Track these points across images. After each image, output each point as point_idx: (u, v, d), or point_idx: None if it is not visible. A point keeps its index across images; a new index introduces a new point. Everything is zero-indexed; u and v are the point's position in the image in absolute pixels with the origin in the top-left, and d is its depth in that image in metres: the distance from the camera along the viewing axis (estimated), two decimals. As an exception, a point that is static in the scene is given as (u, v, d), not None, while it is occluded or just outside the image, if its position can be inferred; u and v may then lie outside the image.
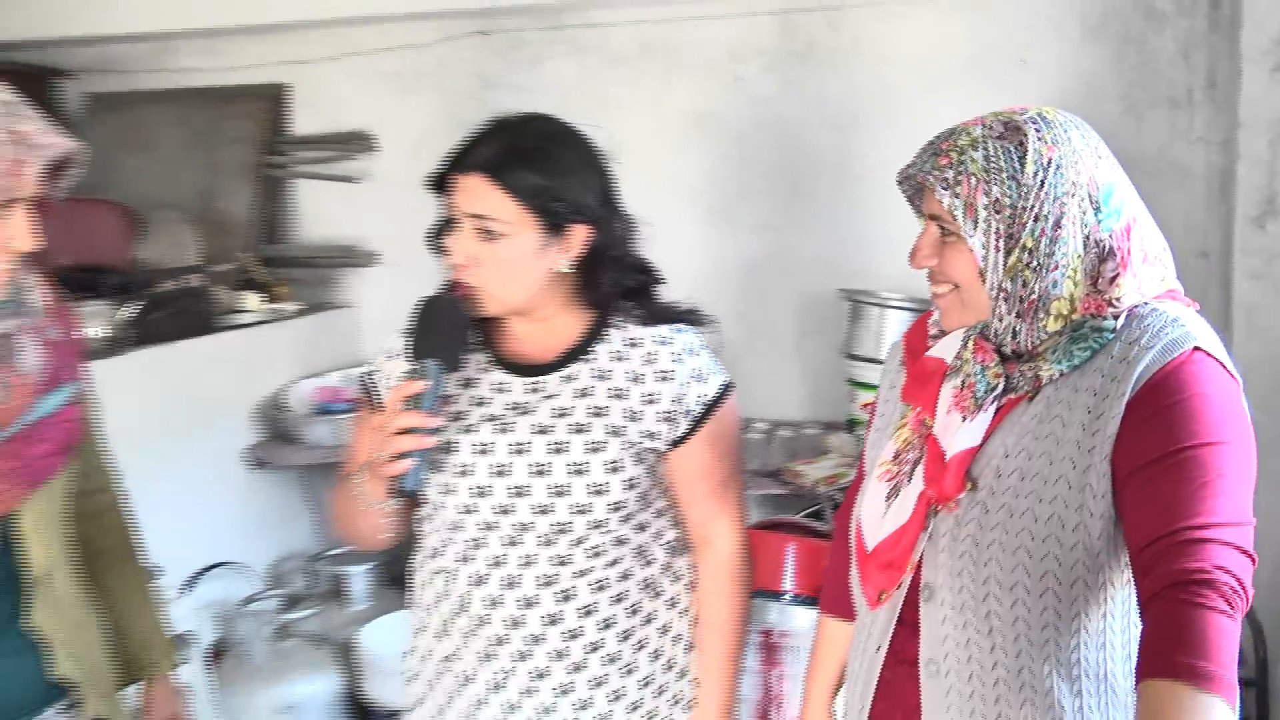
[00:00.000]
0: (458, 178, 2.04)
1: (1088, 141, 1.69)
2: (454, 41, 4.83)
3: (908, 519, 1.76)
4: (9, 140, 1.70)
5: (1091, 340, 1.64)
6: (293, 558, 4.83)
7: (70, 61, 5.25)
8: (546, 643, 2.15)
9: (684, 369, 2.16)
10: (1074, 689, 1.68)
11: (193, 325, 4.35)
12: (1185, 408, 1.55)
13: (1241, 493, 1.53)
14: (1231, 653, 1.40)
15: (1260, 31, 3.61)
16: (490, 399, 2.15)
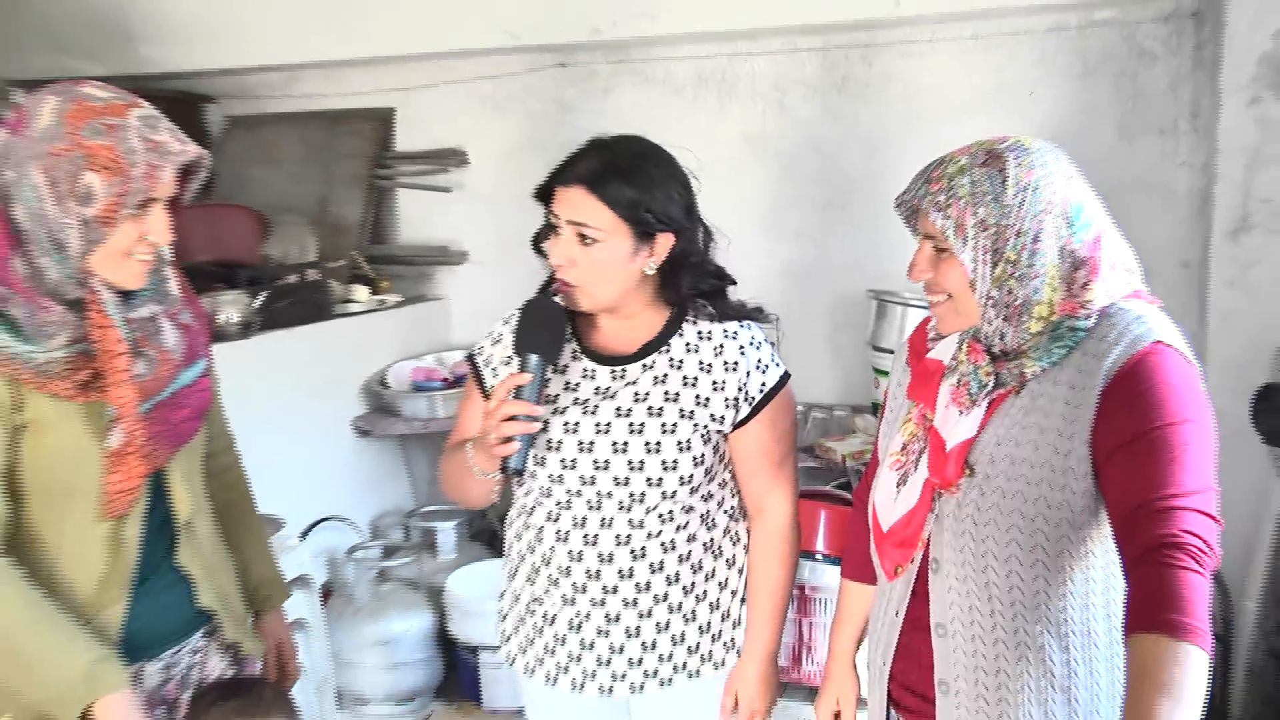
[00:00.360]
0: (561, 189, 2.08)
1: (1060, 165, 1.72)
2: (537, 72, 4.91)
3: (916, 502, 1.81)
4: (147, 148, 1.75)
5: (1068, 339, 1.68)
6: (391, 514, 4.96)
7: (213, 89, 5.40)
8: (620, 593, 2.20)
9: (748, 360, 2.19)
10: (1062, 644, 1.73)
11: (310, 313, 4.50)
12: (1151, 394, 1.60)
13: (1204, 464, 1.58)
14: (1203, 605, 1.47)
15: (1237, 70, 3.68)
16: (579, 385, 2.19)
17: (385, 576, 4.40)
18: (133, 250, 1.80)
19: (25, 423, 1.78)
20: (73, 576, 1.84)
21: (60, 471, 1.82)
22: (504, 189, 4.94)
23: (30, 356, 1.76)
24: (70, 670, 1.75)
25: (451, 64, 4.99)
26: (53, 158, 1.71)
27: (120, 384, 1.79)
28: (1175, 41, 4.07)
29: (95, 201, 1.72)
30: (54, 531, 1.84)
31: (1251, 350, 3.62)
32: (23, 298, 1.76)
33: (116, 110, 1.75)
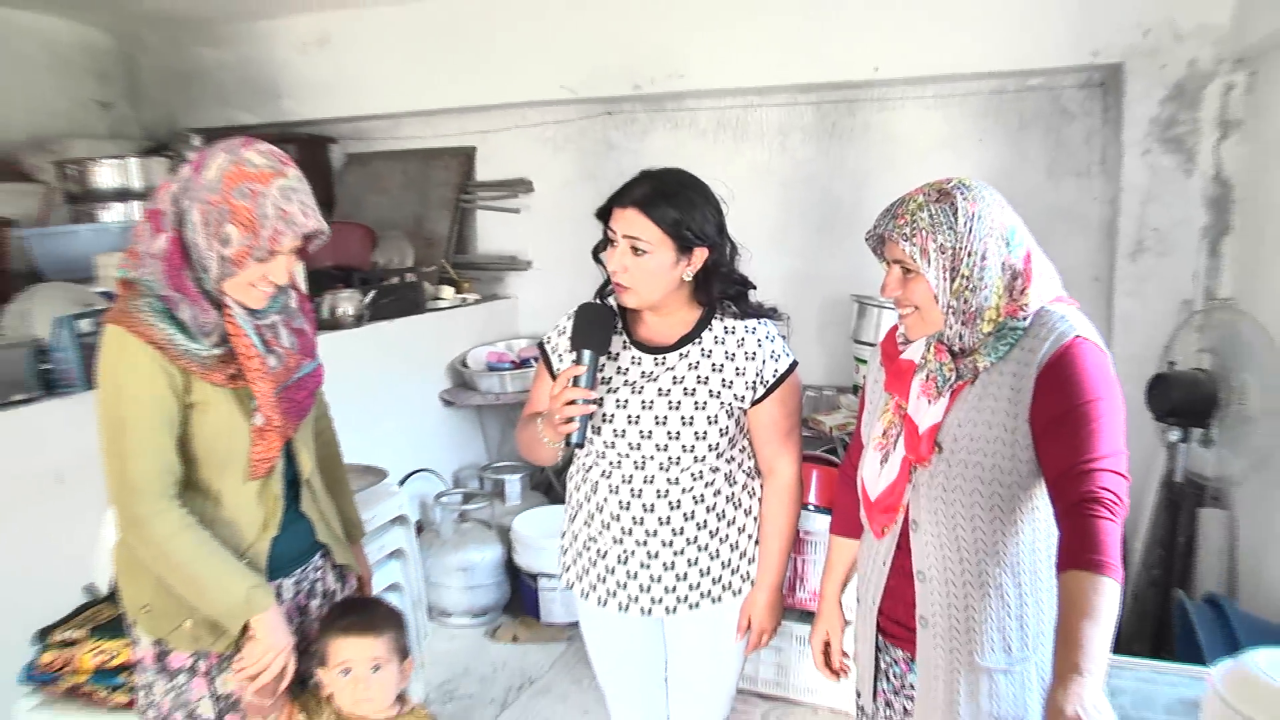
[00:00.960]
0: (618, 210, 2.10)
1: (995, 198, 1.76)
2: (589, 119, 5.11)
3: (896, 476, 1.85)
4: (277, 216, 1.80)
5: (1010, 337, 1.73)
6: (469, 467, 5.15)
7: (337, 132, 5.67)
8: (659, 535, 2.25)
9: (764, 351, 2.21)
10: (1016, 582, 1.79)
11: (408, 308, 4.70)
12: (1073, 378, 1.66)
13: (1115, 433, 1.64)
14: (1116, 547, 1.54)
15: (1134, 128, 3.88)
16: (628, 369, 2.23)
17: (464, 517, 4.54)
18: (256, 284, 1.87)
19: (193, 402, 1.86)
20: (235, 519, 1.95)
21: (219, 441, 1.90)
22: (561, 211, 5.21)
23: (196, 352, 1.83)
24: (235, 593, 1.87)
25: (521, 112, 5.20)
26: (209, 205, 1.79)
27: (257, 380, 1.89)
28: (1089, 104, 4.25)
29: (231, 246, 1.80)
30: (218, 487, 1.93)
31: (1146, 347, 3.74)
32: (190, 300, 1.83)
33: (264, 178, 1.80)
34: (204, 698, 1.97)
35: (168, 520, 1.83)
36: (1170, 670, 2.12)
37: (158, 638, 1.96)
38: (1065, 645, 1.48)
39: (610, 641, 2.45)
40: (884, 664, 2.01)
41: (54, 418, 2.88)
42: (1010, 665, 1.81)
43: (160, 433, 1.83)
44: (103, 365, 1.84)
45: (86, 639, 2.57)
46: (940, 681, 1.85)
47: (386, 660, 2.01)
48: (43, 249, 4.17)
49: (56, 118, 5.11)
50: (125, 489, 1.82)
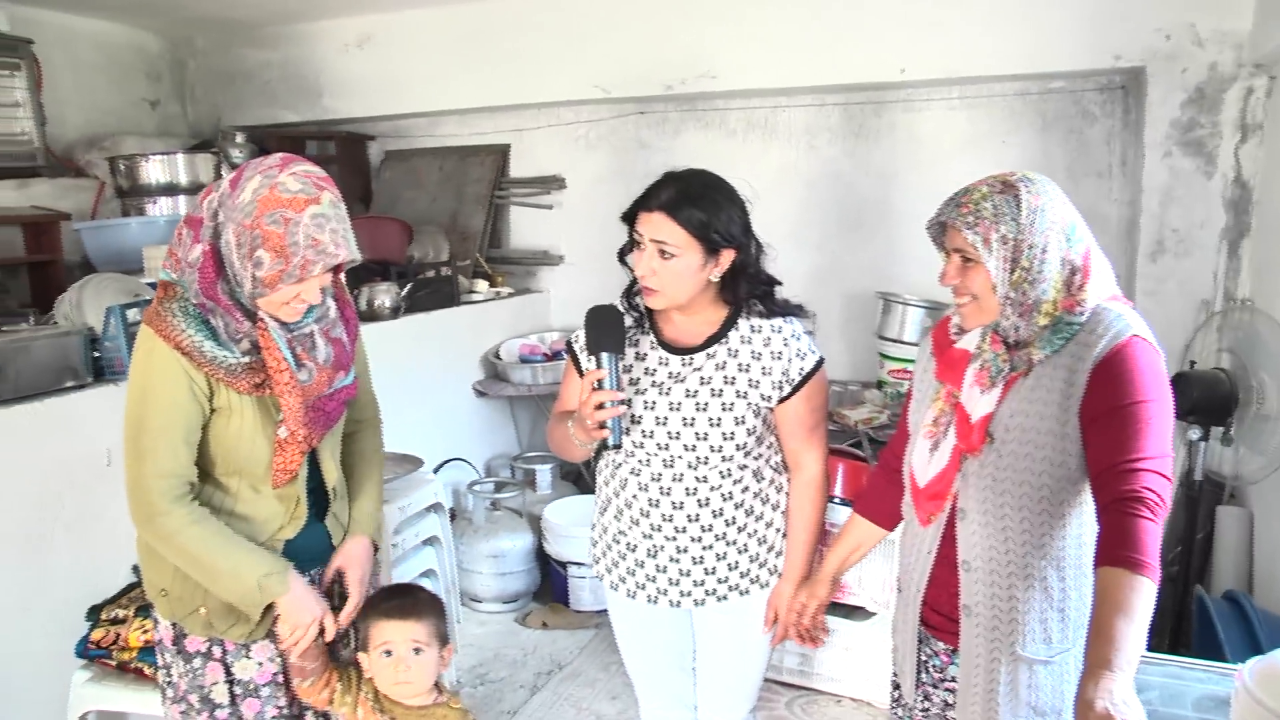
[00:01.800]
0: (644, 214, 2.08)
1: (1057, 193, 1.75)
2: (621, 118, 5.12)
3: (946, 464, 1.82)
4: (307, 245, 1.75)
5: (1065, 331, 1.71)
6: (501, 457, 5.19)
7: (375, 130, 5.72)
8: (688, 531, 2.23)
9: (790, 349, 2.18)
10: (1060, 575, 1.78)
11: (443, 301, 4.75)
12: (1126, 376, 1.64)
13: (1163, 435, 1.63)
14: (1155, 547, 1.52)
15: (1155, 130, 3.87)
16: (655, 370, 2.20)
17: (496, 505, 4.56)
18: (290, 302, 1.83)
19: (216, 408, 1.86)
20: (252, 516, 1.94)
21: (240, 448, 1.89)
22: (593, 207, 5.20)
23: (223, 360, 1.82)
24: (247, 582, 1.86)
25: (555, 111, 5.22)
26: (242, 228, 1.77)
27: (286, 393, 1.86)
28: (1110, 107, 4.23)
29: (263, 269, 1.76)
30: (235, 488, 1.93)
31: (1166, 347, 3.63)
32: (224, 310, 1.83)
33: (297, 204, 1.75)
34: (218, 683, 1.97)
35: (176, 516, 1.82)
36: (1197, 666, 2.11)
37: (174, 621, 1.97)
38: (1098, 639, 1.46)
39: (639, 632, 2.45)
40: (924, 655, 2.00)
41: (104, 403, 2.92)
42: (1050, 656, 1.81)
43: (176, 438, 1.82)
44: (133, 365, 1.85)
45: (133, 617, 2.64)
46: (981, 670, 1.84)
47: (427, 644, 2.01)
48: (94, 241, 4.25)
49: (109, 116, 5.20)
50: (137, 488, 1.83)
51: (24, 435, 2.78)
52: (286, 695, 2.03)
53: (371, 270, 4.55)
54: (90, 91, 5.10)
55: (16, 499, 2.76)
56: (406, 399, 4.22)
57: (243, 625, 1.93)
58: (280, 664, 2.00)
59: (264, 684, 1.99)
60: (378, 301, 4.29)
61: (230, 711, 1.98)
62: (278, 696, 2.01)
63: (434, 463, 4.44)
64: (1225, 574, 3.54)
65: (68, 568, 2.87)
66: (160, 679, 2.06)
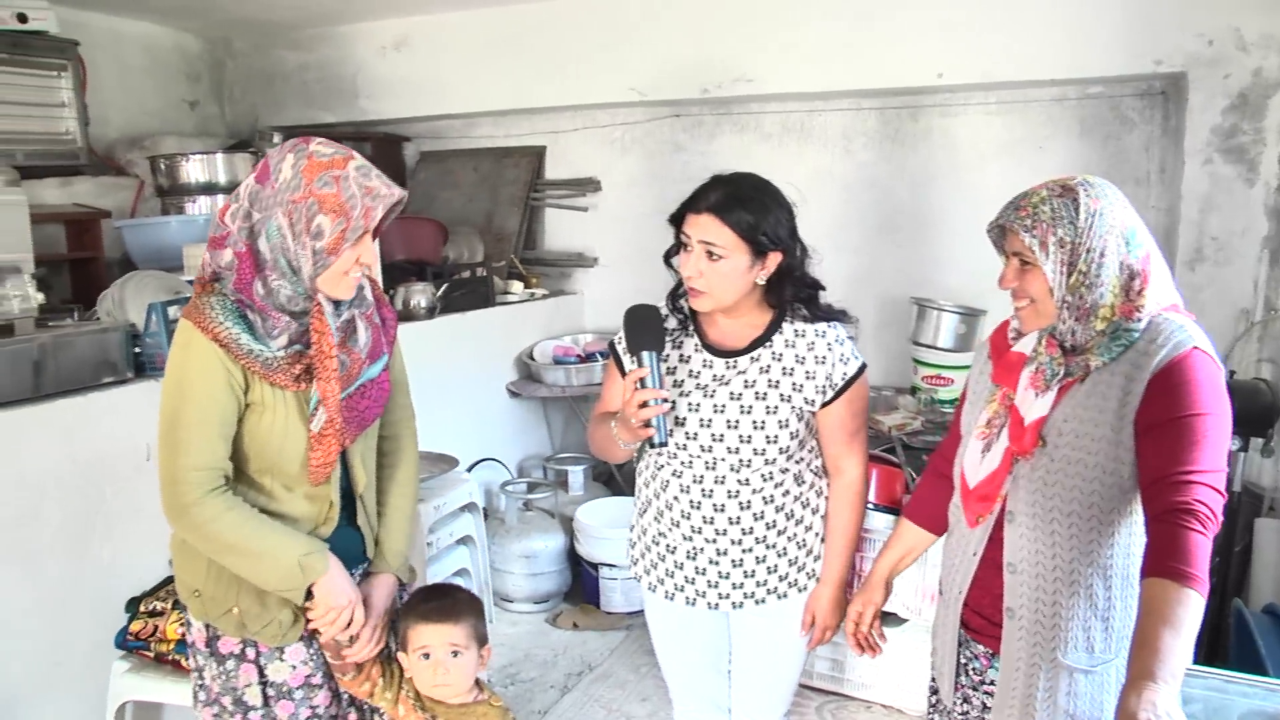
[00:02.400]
0: (692, 215, 2.08)
1: (1118, 197, 1.74)
2: (656, 121, 5.13)
3: (998, 466, 1.82)
4: (363, 193, 1.78)
5: (1124, 339, 1.69)
6: (534, 457, 5.21)
7: (411, 131, 5.76)
8: (728, 534, 2.24)
9: (833, 354, 2.18)
10: (1105, 583, 1.77)
11: (478, 301, 4.76)
12: (1185, 388, 1.63)
13: (1219, 449, 1.60)
14: (1204, 560, 1.50)
15: (1195, 137, 3.83)
16: (700, 373, 2.21)
17: (529, 506, 4.58)
18: (349, 271, 1.84)
19: (250, 403, 1.85)
20: (285, 514, 1.92)
21: (271, 444, 1.88)
22: (628, 210, 5.24)
23: (261, 353, 1.82)
24: (287, 563, 1.85)
25: (590, 113, 5.24)
26: (293, 204, 1.78)
27: (327, 380, 1.85)
28: (1149, 113, 4.20)
29: (325, 237, 1.78)
30: (268, 485, 1.92)
31: None
32: (259, 310, 1.83)
33: (338, 164, 1.79)
34: (251, 684, 1.97)
35: (209, 504, 1.81)
36: (1241, 680, 2.08)
37: (207, 622, 1.96)
38: (1142, 650, 1.44)
39: (677, 633, 2.45)
40: (964, 658, 1.99)
41: (145, 398, 2.95)
42: (1092, 666, 1.79)
43: (211, 431, 1.82)
44: (170, 358, 1.85)
45: (171, 610, 2.68)
46: (1021, 675, 1.84)
47: (465, 647, 2.00)
48: (135, 239, 4.30)
49: (150, 116, 5.28)
50: (171, 480, 1.82)
51: (66, 429, 2.81)
52: (322, 696, 2.02)
53: (407, 270, 4.58)
54: (132, 92, 5.18)
55: (59, 492, 2.80)
56: (441, 399, 4.28)
57: (275, 626, 1.93)
58: (314, 666, 2.00)
59: (297, 686, 1.99)
60: (413, 301, 4.32)
61: (264, 713, 1.98)
62: (311, 698, 2.01)
63: (468, 462, 4.45)
64: (1264, 587, 3.50)
65: (108, 560, 2.91)
66: (193, 681, 2.06)
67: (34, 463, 2.74)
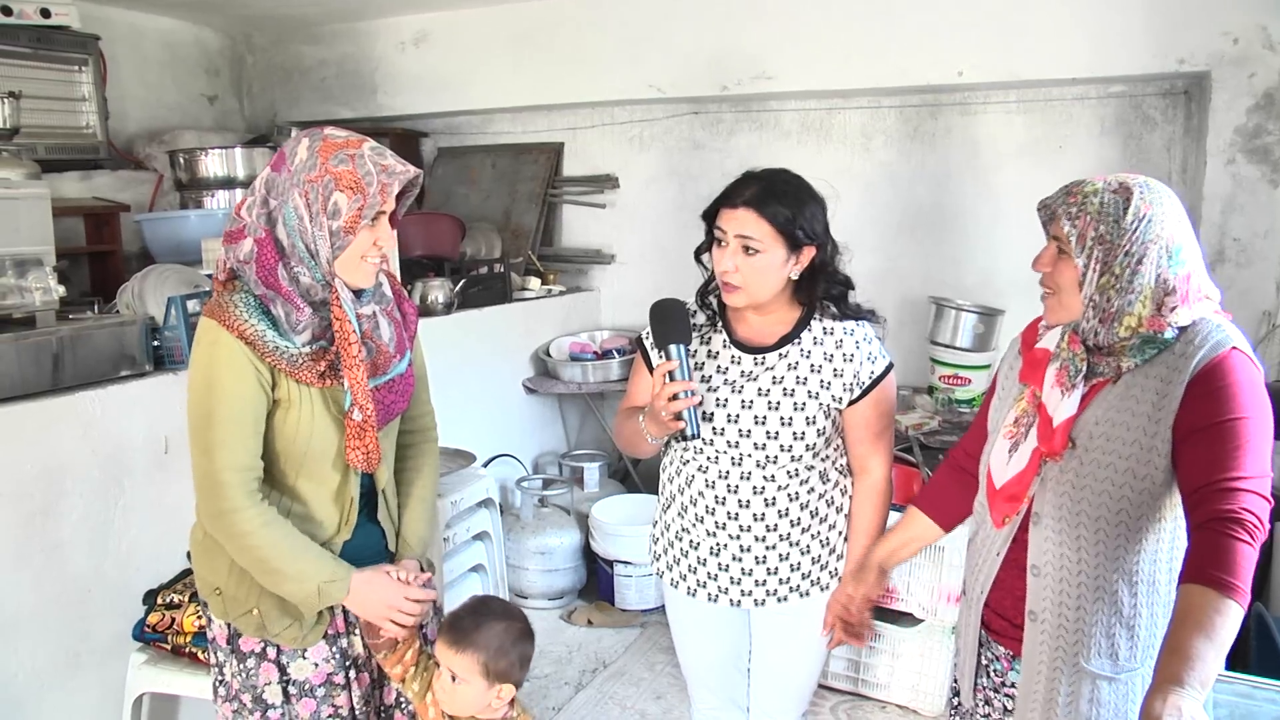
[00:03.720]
0: (728, 210, 2.09)
1: (1175, 209, 1.69)
2: (675, 118, 5.12)
3: (1025, 466, 1.78)
4: (379, 171, 1.80)
5: (1159, 343, 1.66)
6: (549, 454, 5.22)
7: (429, 127, 5.75)
8: (752, 530, 2.24)
9: (861, 353, 2.18)
10: (1131, 590, 1.74)
11: (495, 297, 4.79)
12: (1226, 391, 1.59)
13: (1263, 454, 1.57)
14: (1248, 571, 1.47)
15: (1218, 137, 3.81)
16: (728, 369, 2.21)
17: (544, 502, 4.59)
18: (367, 254, 1.85)
19: (278, 399, 1.85)
20: (310, 516, 1.93)
21: (299, 441, 1.88)
22: (646, 207, 5.24)
23: (286, 349, 1.82)
24: (308, 587, 1.86)
25: (609, 110, 5.23)
26: (309, 184, 1.78)
27: (353, 367, 1.84)
28: (1171, 112, 4.17)
29: (341, 216, 1.78)
30: (294, 484, 1.92)
31: None
32: (284, 298, 1.82)
33: (353, 145, 1.82)
34: (271, 683, 1.96)
35: (249, 516, 1.82)
36: (1267, 685, 2.06)
37: (228, 621, 1.97)
38: (1172, 655, 1.42)
39: (697, 630, 2.44)
40: (985, 660, 1.97)
41: (163, 391, 2.97)
42: (1115, 673, 1.77)
43: (246, 429, 1.82)
44: (195, 357, 1.84)
45: (188, 602, 2.69)
46: (1042, 679, 1.81)
47: (465, 679, 1.91)
48: (154, 233, 4.32)
49: (169, 111, 5.29)
50: (209, 483, 1.82)
51: (86, 422, 2.82)
52: (344, 697, 2.02)
53: (425, 266, 4.59)
54: (152, 87, 5.19)
55: (78, 484, 2.80)
56: (458, 394, 4.30)
57: (296, 629, 1.93)
58: (336, 664, 2.00)
59: (319, 684, 1.99)
60: (431, 297, 4.33)
61: (283, 711, 1.98)
62: (334, 696, 2.00)
63: (484, 458, 4.44)
64: (1285, 590, 3.47)
65: (126, 552, 2.92)
66: (212, 677, 2.06)
67: (53, 455, 2.74)
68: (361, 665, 2.05)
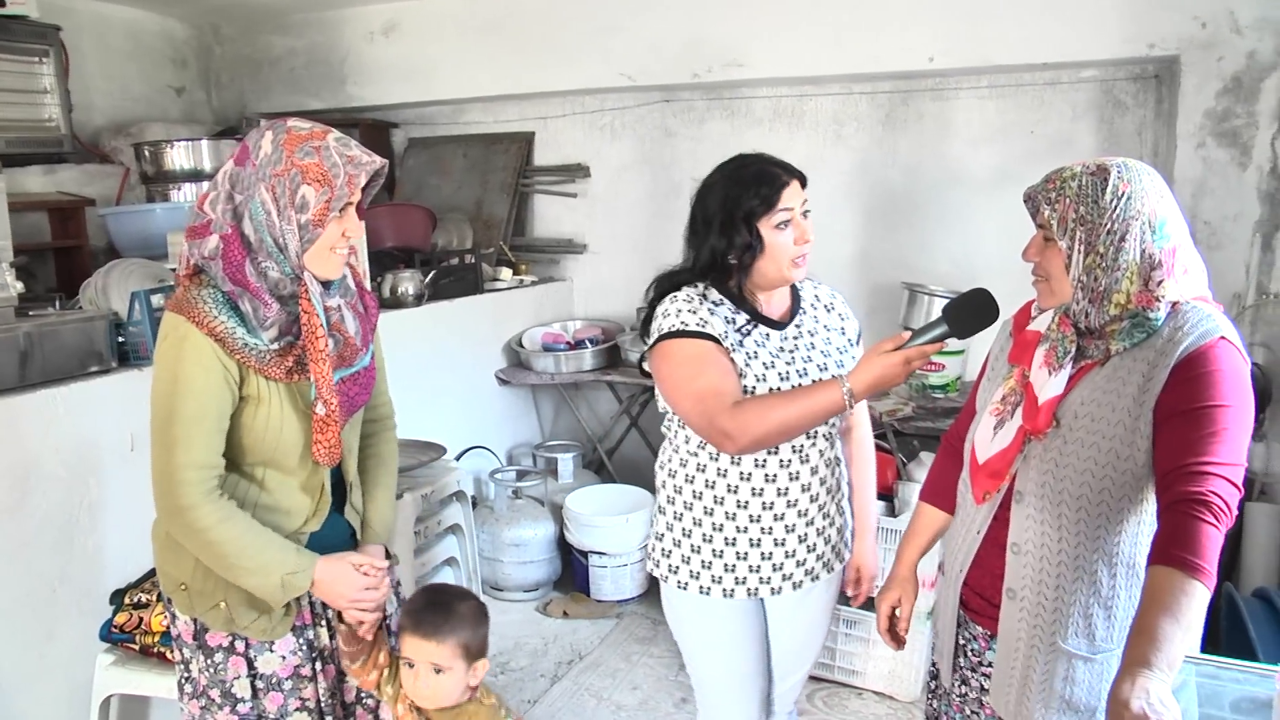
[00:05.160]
0: (790, 187, 2.16)
1: (1155, 184, 1.70)
2: (646, 106, 5.09)
3: (1009, 443, 1.80)
4: (345, 162, 1.79)
5: (1146, 326, 1.67)
6: (523, 445, 5.20)
7: (400, 118, 5.73)
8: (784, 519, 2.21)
9: (839, 303, 2.34)
10: (1111, 571, 1.75)
11: (467, 288, 4.75)
12: (1209, 378, 1.60)
13: (1238, 442, 1.59)
14: (1214, 553, 1.48)
15: (1188, 121, 3.80)
16: (759, 349, 2.16)
17: (518, 494, 4.58)
18: (335, 245, 1.84)
19: (246, 396, 1.84)
20: (278, 506, 1.92)
21: (268, 436, 1.87)
22: (618, 196, 5.23)
23: (255, 346, 1.82)
24: (272, 579, 1.85)
25: (580, 99, 5.21)
26: (275, 177, 1.77)
27: (318, 361, 1.84)
28: (1142, 96, 4.17)
29: (310, 208, 1.78)
30: (263, 477, 1.91)
31: None
32: (252, 294, 1.81)
33: (318, 136, 1.80)
34: (240, 676, 1.95)
35: (207, 513, 1.80)
36: (1233, 666, 2.07)
37: (194, 616, 1.95)
38: (1139, 638, 1.43)
39: (715, 629, 2.33)
40: (963, 639, 1.98)
41: (129, 387, 2.94)
42: (1092, 653, 1.78)
43: (209, 426, 1.80)
44: (161, 353, 1.82)
45: (156, 602, 2.66)
46: (1019, 658, 1.83)
47: (449, 666, 1.92)
48: (119, 227, 4.27)
49: (135, 102, 5.23)
50: (167, 480, 1.80)
51: (50, 419, 2.79)
52: (311, 689, 2.01)
53: (395, 257, 4.57)
54: (117, 78, 5.13)
55: (42, 482, 2.77)
56: (429, 386, 4.30)
57: (264, 621, 1.93)
58: (303, 657, 1.99)
59: (286, 677, 1.98)
60: (401, 289, 4.30)
61: (252, 706, 1.96)
62: (301, 689, 1.99)
63: (456, 450, 4.45)
64: (1255, 571, 3.51)
65: (93, 552, 2.89)
66: (178, 674, 2.03)
67: (17, 454, 2.71)
68: (328, 657, 2.04)
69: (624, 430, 5.29)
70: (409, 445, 3.68)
